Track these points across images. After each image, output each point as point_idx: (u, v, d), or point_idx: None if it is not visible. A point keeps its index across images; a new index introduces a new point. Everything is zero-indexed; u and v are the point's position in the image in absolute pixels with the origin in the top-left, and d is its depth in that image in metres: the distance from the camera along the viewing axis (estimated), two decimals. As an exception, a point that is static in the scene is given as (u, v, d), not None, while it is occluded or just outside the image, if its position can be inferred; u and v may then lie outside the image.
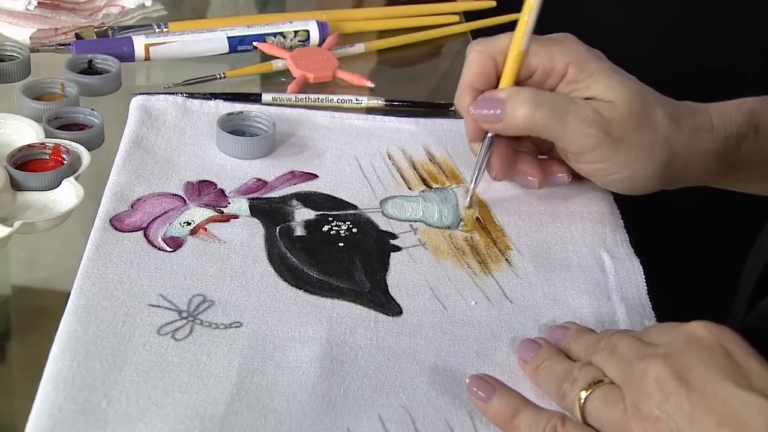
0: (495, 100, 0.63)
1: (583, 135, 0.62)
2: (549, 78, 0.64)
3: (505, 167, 0.66)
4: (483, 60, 0.64)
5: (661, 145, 0.63)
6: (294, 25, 0.86)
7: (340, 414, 0.51)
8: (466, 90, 0.65)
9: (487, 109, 0.64)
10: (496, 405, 0.51)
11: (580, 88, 0.64)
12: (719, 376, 0.46)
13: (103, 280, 0.57)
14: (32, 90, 0.73)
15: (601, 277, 0.62)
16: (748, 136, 0.65)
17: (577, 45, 0.65)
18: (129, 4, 0.86)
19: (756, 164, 0.67)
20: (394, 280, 0.60)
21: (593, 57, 0.64)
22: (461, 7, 0.96)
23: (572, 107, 0.62)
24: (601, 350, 0.51)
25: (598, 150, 0.63)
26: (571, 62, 0.63)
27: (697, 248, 1.03)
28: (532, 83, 0.65)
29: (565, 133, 0.62)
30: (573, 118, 0.62)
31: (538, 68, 0.64)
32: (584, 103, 0.63)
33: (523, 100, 0.62)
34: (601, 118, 0.62)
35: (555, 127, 0.62)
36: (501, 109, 0.63)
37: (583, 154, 0.64)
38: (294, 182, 0.68)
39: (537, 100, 0.62)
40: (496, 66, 0.65)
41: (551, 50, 0.64)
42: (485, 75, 0.65)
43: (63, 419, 0.48)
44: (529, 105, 0.62)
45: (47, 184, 0.64)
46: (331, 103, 0.78)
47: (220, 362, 0.53)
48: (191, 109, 0.74)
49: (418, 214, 0.66)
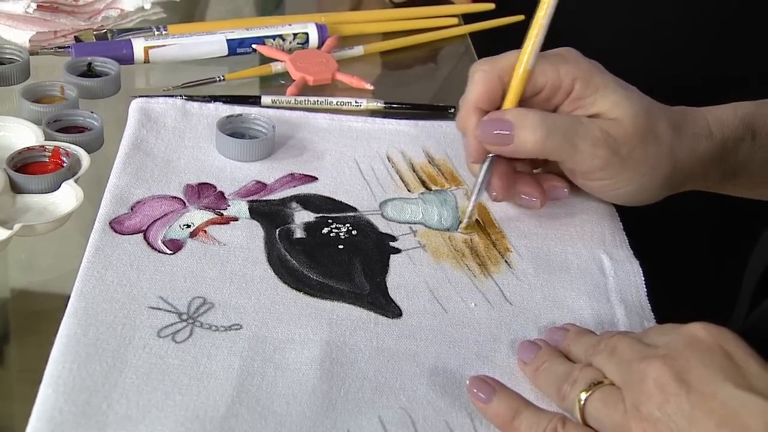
0: (503, 122, 0.62)
1: (592, 156, 0.62)
2: (556, 95, 0.64)
3: (506, 188, 0.65)
4: (489, 79, 0.63)
5: (666, 156, 0.63)
6: (293, 28, 0.86)
7: (340, 416, 0.51)
8: (471, 110, 0.64)
9: (495, 130, 0.62)
10: (496, 406, 0.51)
11: (586, 104, 0.63)
12: (719, 377, 0.46)
13: (103, 283, 0.57)
14: (32, 93, 0.73)
15: (600, 278, 0.62)
16: (745, 140, 0.65)
17: (581, 60, 0.64)
18: (128, 6, 0.86)
19: (752, 169, 0.67)
20: (394, 282, 0.60)
21: (596, 71, 0.64)
22: (460, 9, 0.96)
23: (581, 129, 0.62)
24: (601, 351, 0.51)
25: (606, 169, 0.63)
26: (577, 78, 0.63)
27: (696, 250, 1.03)
28: (538, 101, 0.64)
29: (575, 156, 0.62)
30: (582, 140, 0.62)
31: (546, 86, 0.63)
32: (591, 123, 0.62)
33: (533, 124, 0.62)
34: (609, 138, 0.62)
35: (566, 150, 0.62)
36: (509, 131, 0.62)
37: (592, 173, 0.63)
38: (293, 184, 0.68)
39: (547, 124, 0.62)
40: (503, 85, 0.64)
41: (557, 67, 0.63)
42: (491, 94, 0.64)
43: (63, 422, 0.48)
44: (540, 130, 0.61)
45: (47, 187, 0.64)
46: (330, 105, 0.78)
47: (220, 364, 0.53)
48: (191, 111, 0.74)
49: (417, 216, 0.66)
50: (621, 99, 0.62)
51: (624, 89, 0.63)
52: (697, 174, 0.65)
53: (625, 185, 0.64)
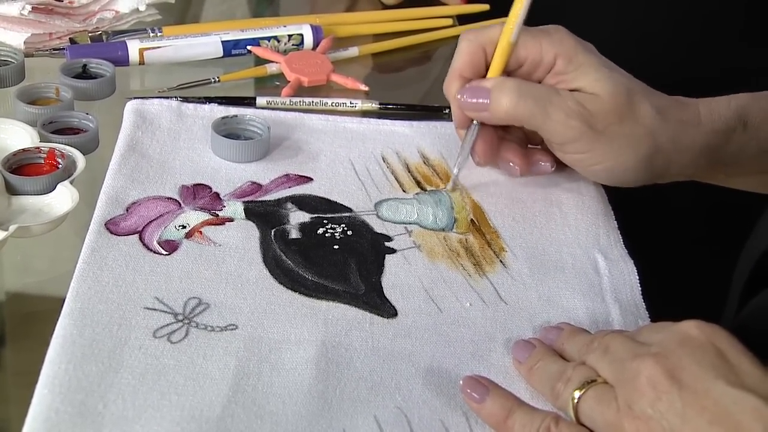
0: (481, 89, 0.65)
1: (564, 126, 0.63)
2: (537, 69, 0.65)
3: (488, 153, 0.67)
4: (473, 49, 0.66)
5: (645, 137, 0.64)
6: (288, 29, 0.86)
7: (336, 415, 0.51)
8: (455, 77, 0.67)
9: (473, 97, 0.65)
10: (489, 406, 0.51)
11: (567, 80, 0.65)
12: (711, 374, 0.46)
13: (99, 284, 0.57)
14: (27, 94, 0.73)
15: (595, 278, 0.63)
16: (736, 131, 0.65)
17: (568, 37, 0.65)
18: (123, 8, 0.86)
19: (744, 159, 0.67)
20: (389, 282, 0.60)
21: (582, 49, 0.65)
22: (455, 10, 0.96)
23: (555, 98, 0.63)
24: (595, 350, 0.51)
25: (580, 141, 0.64)
26: (559, 54, 0.64)
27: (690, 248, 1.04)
28: (520, 74, 0.66)
29: (547, 124, 0.64)
30: (555, 109, 0.63)
31: (527, 59, 0.65)
32: (568, 94, 0.64)
33: (507, 90, 0.64)
34: (584, 110, 0.63)
35: (538, 117, 0.64)
36: (487, 98, 0.64)
37: (566, 144, 0.65)
38: (289, 185, 0.68)
39: (521, 90, 0.64)
40: (486, 56, 0.66)
41: (540, 41, 0.65)
42: (474, 64, 0.66)
43: (59, 422, 0.48)
44: (513, 95, 0.63)
45: (42, 188, 0.64)
46: (325, 106, 0.78)
47: (215, 365, 0.53)
48: (186, 113, 0.74)
49: (412, 216, 0.66)
50: (602, 76, 0.64)
51: (608, 68, 0.65)
52: (685, 161, 0.66)
53: (601, 161, 0.65)
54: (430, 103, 0.80)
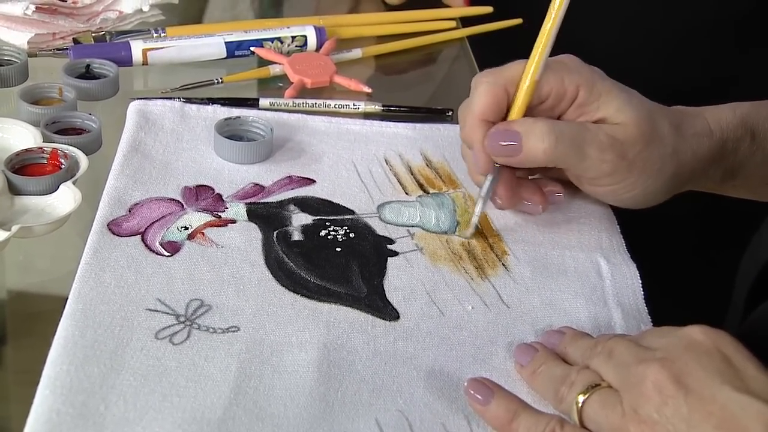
0: (511, 132, 0.62)
1: (600, 161, 0.62)
2: (560, 103, 0.64)
3: (511, 197, 0.65)
4: (496, 91, 0.63)
5: (670, 157, 0.63)
6: (291, 31, 0.86)
7: (338, 418, 0.51)
8: (478, 123, 0.63)
9: (503, 141, 0.62)
10: (494, 408, 0.51)
11: (590, 111, 0.63)
12: (717, 379, 0.46)
13: (101, 285, 0.57)
14: (30, 94, 0.73)
15: (597, 282, 0.62)
16: (745, 141, 0.65)
17: (583, 67, 0.64)
18: (127, 9, 0.86)
19: (751, 169, 0.67)
20: (392, 285, 0.60)
21: (598, 77, 0.64)
22: (458, 12, 0.96)
23: (588, 135, 0.62)
24: (598, 354, 0.51)
25: (614, 174, 0.63)
26: (580, 85, 0.63)
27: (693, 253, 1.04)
28: (543, 109, 0.64)
29: (584, 162, 0.62)
30: (590, 146, 0.62)
31: (551, 94, 0.63)
32: (597, 128, 0.63)
33: (541, 133, 0.62)
34: (616, 142, 0.62)
35: (574, 157, 0.62)
36: (518, 142, 0.62)
37: (600, 179, 0.64)
38: (291, 187, 0.68)
39: (555, 132, 0.62)
40: (509, 96, 0.63)
41: (561, 75, 0.63)
42: (497, 106, 0.63)
43: (61, 423, 0.48)
44: (549, 138, 0.61)
45: (45, 189, 0.64)
46: (328, 108, 0.78)
47: (217, 366, 0.53)
48: (189, 114, 0.74)
49: (415, 219, 0.66)
50: (623, 103, 0.63)
51: (626, 93, 0.64)
52: (699, 173, 0.65)
53: (632, 189, 0.64)
54: (434, 105, 0.80)
